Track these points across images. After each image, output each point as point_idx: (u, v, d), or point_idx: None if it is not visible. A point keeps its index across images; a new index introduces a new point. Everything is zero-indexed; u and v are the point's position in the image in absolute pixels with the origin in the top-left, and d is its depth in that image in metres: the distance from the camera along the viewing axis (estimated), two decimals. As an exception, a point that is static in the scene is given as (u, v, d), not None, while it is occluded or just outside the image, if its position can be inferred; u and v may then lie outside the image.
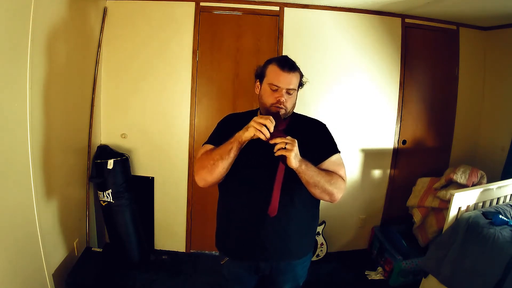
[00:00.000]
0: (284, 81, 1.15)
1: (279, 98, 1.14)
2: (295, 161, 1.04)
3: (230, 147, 1.09)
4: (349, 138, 2.57)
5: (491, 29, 2.68)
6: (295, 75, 1.17)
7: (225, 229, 1.29)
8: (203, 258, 2.57)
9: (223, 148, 1.10)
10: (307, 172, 1.08)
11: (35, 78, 1.56)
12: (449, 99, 2.72)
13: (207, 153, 1.17)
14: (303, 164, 1.07)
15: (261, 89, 1.21)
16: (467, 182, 2.27)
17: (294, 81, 1.16)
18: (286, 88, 1.15)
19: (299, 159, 1.06)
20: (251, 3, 2.38)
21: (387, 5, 2.31)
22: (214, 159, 1.12)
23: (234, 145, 1.08)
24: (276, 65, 1.16)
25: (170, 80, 2.41)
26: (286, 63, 1.16)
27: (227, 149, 1.09)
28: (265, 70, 1.20)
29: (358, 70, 2.52)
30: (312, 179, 1.10)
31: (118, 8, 2.32)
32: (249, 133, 1.04)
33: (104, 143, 2.42)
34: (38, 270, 1.65)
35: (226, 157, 1.09)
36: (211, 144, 1.22)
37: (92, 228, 2.34)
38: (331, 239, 2.64)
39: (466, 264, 1.68)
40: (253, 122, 1.04)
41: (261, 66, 1.23)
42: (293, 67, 1.17)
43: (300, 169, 1.07)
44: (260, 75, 1.21)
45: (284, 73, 1.15)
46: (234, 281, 1.33)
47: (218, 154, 1.11)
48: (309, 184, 1.11)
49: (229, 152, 1.09)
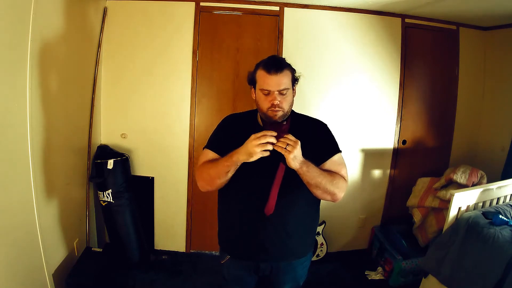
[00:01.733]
0: (273, 84, 1.12)
1: (272, 101, 1.12)
2: (294, 162, 1.04)
3: (228, 170, 1.09)
4: (349, 138, 2.57)
5: (491, 29, 2.68)
6: (284, 75, 1.13)
7: (226, 229, 1.29)
8: (203, 258, 2.57)
9: (221, 168, 1.11)
10: (309, 173, 1.08)
11: (35, 78, 1.57)
12: (449, 99, 2.72)
13: (206, 167, 1.17)
14: (304, 165, 1.07)
15: (255, 95, 1.19)
16: (467, 182, 2.27)
17: (284, 81, 1.12)
18: (277, 90, 1.12)
19: (300, 161, 1.06)
20: (251, 3, 2.38)
21: (387, 5, 2.31)
22: (211, 175, 1.14)
23: (232, 168, 1.09)
24: (263, 69, 1.13)
25: (170, 80, 2.41)
26: (272, 65, 1.12)
27: (224, 171, 1.10)
28: (255, 75, 1.17)
29: (358, 70, 2.52)
30: (314, 180, 1.10)
31: (118, 8, 2.32)
32: (253, 159, 1.02)
33: (104, 143, 2.42)
34: (38, 270, 1.65)
35: (223, 176, 1.12)
36: (211, 150, 1.22)
37: (92, 228, 2.34)
38: (331, 239, 2.64)
39: (466, 264, 1.68)
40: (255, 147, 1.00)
41: (251, 72, 1.20)
42: (280, 67, 1.12)
43: (301, 170, 1.07)
44: (252, 81, 1.20)
45: (271, 76, 1.11)
46: (234, 281, 1.34)
47: (215, 172, 1.13)
48: (311, 185, 1.11)
49: (226, 173, 1.11)
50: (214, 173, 1.13)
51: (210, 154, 1.22)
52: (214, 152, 1.22)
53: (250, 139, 1.02)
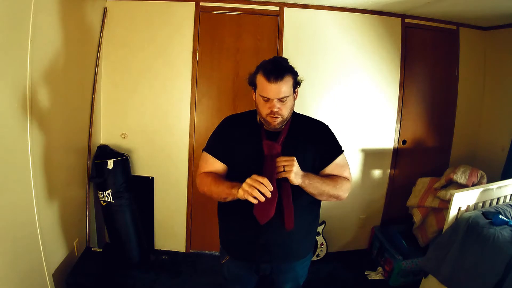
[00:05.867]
0: (273, 92, 1.09)
1: (271, 108, 1.11)
2: (296, 179, 1.05)
3: (226, 197, 1.11)
4: (349, 138, 2.57)
5: (491, 29, 2.68)
6: (285, 82, 1.09)
7: (227, 230, 1.29)
8: (203, 258, 2.57)
9: (221, 192, 1.12)
10: (311, 185, 1.10)
11: (35, 77, 1.57)
12: (449, 99, 2.72)
13: (208, 181, 1.18)
14: (306, 179, 1.08)
15: (255, 98, 1.18)
16: (467, 182, 2.27)
17: (284, 89, 1.09)
18: (276, 98, 1.10)
19: (301, 175, 1.07)
20: (251, 3, 2.38)
21: (387, 5, 2.31)
22: (212, 192, 1.16)
23: (229, 197, 1.10)
24: (263, 76, 1.09)
25: (170, 80, 2.41)
26: (272, 72, 1.08)
27: (223, 196, 1.12)
28: (255, 79, 1.15)
29: (358, 70, 2.52)
30: (317, 190, 1.12)
31: (118, 8, 2.32)
32: (239, 195, 1.02)
33: (104, 143, 2.41)
34: (38, 270, 1.65)
35: (221, 199, 1.15)
36: (210, 154, 1.23)
37: (92, 228, 2.34)
38: (331, 239, 2.64)
39: (466, 264, 1.68)
40: (246, 187, 0.99)
41: (252, 74, 1.17)
42: (280, 74, 1.08)
43: (304, 184, 1.08)
44: (252, 84, 1.18)
45: (271, 84, 1.08)
46: (234, 281, 1.34)
47: (216, 193, 1.15)
48: (315, 194, 1.13)
49: (224, 199, 1.13)
50: (214, 192, 1.15)
51: (210, 160, 1.23)
52: (213, 157, 1.22)
53: (249, 178, 1.01)
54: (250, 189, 0.98)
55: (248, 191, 0.98)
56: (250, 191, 0.98)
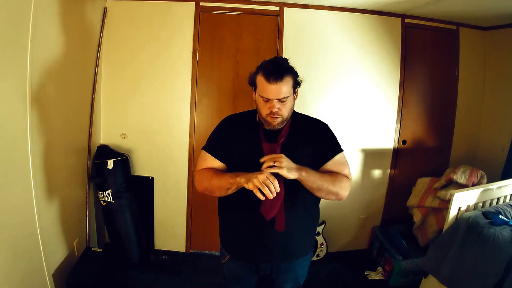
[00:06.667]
0: (273, 93, 1.09)
1: (271, 109, 1.12)
2: (290, 173, 1.04)
3: (229, 187, 1.10)
4: (349, 138, 2.57)
5: (491, 29, 2.68)
6: (285, 83, 1.10)
7: (227, 230, 1.29)
8: (203, 258, 2.57)
9: (223, 183, 1.11)
10: (309, 178, 1.09)
11: (35, 77, 1.57)
12: (449, 99, 2.72)
13: (209, 176, 1.17)
14: (302, 171, 1.07)
15: (255, 98, 1.18)
16: (467, 182, 2.27)
17: (283, 90, 1.10)
18: (276, 99, 1.10)
19: (296, 168, 1.06)
20: (251, 3, 2.38)
21: (387, 5, 2.31)
22: (213, 186, 1.15)
23: (233, 187, 1.09)
24: (263, 76, 1.10)
25: (170, 80, 2.41)
26: (272, 72, 1.08)
27: (226, 187, 1.11)
28: (255, 79, 1.16)
29: (358, 70, 2.52)
30: (315, 184, 1.11)
31: (118, 8, 2.32)
32: (247, 187, 1.02)
33: (104, 143, 2.41)
34: (38, 270, 1.65)
35: (223, 192, 1.14)
36: (209, 153, 1.23)
37: (92, 228, 2.34)
38: (331, 239, 2.64)
39: (466, 264, 1.68)
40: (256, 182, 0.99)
41: (252, 74, 1.18)
42: (280, 75, 1.09)
43: (301, 177, 1.07)
44: (252, 84, 1.18)
45: (271, 84, 1.08)
46: (235, 280, 1.34)
47: (217, 185, 1.14)
48: (313, 188, 1.12)
49: (226, 190, 1.12)
50: (216, 185, 1.14)
51: (209, 159, 1.23)
52: (212, 156, 1.22)
53: (262, 174, 1.01)
54: (261, 185, 0.98)
55: (258, 186, 0.99)
56: (261, 187, 0.98)
